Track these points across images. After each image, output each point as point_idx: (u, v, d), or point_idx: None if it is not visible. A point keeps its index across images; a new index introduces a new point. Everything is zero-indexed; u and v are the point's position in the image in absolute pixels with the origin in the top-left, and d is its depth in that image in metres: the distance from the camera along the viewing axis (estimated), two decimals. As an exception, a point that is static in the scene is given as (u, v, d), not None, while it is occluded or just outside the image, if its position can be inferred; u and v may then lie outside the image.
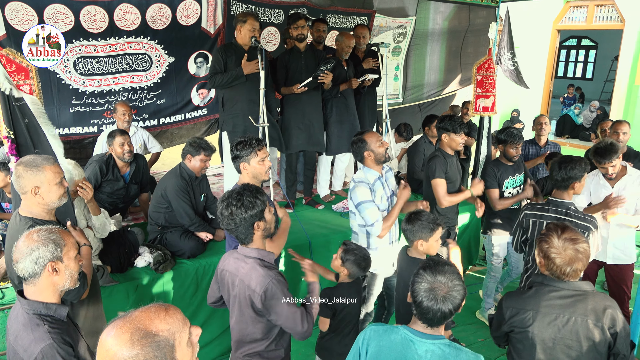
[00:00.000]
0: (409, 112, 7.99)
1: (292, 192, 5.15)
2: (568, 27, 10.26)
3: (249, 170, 2.90)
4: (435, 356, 1.77)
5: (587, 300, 2.02)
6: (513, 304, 2.15)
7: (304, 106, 4.90)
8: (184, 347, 1.27)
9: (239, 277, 2.27)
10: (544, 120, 5.31)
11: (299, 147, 5.01)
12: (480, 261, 5.61)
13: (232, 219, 2.21)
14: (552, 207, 3.09)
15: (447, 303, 1.76)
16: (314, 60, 4.88)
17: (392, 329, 1.87)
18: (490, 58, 5.13)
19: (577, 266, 2.03)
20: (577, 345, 2.00)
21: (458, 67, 8.49)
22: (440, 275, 1.79)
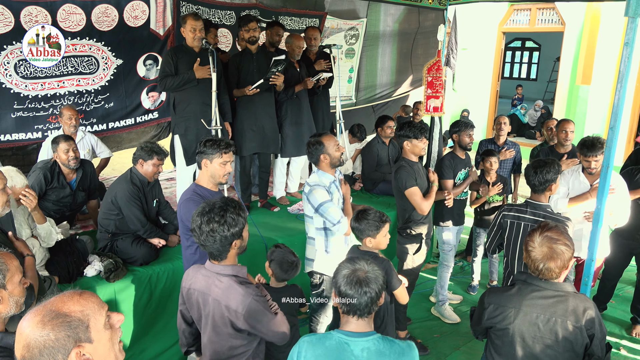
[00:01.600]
0: (362, 113, 8.08)
1: (247, 195, 5.11)
2: (513, 30, 10.63)
3: (209, 169, 2.90)
4: (372, 353, 1.79)
5: (568, 301, 2.06)
6: (495, 300, 2.18)
7: (256, 108, 4.87)
8: (101, 328, 1.28)
9: (212, 297, 2.16)
10: (504, 120, 5.49)
11: (253, 149, 4.97)
12: (434, 258, 5.73)
13: (212, 235, 2.11)
14: (530, 209, 3.16)
15: (371, 283, 1.80)
16: (266, 62, 4.86)
17: (325, 336, 1.87)
18: (439, 59, 5.26)
19: (550, 265, 2.05)
20: (555, 345, 2.05)
21: (409, 68, 8.66)
22: (359, 261, 1.87)
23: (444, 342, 4.20)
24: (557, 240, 2.08)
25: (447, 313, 4.57)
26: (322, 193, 3.24)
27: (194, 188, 2.93)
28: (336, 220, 3.22)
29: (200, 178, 2.97)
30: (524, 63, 22.58)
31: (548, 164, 3.16)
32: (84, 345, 1.24)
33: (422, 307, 4.78)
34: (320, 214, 3.25)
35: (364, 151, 5.95)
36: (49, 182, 3.91)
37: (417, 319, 4.56)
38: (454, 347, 4.08)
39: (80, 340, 1.24)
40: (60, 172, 4.00)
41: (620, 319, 4.61)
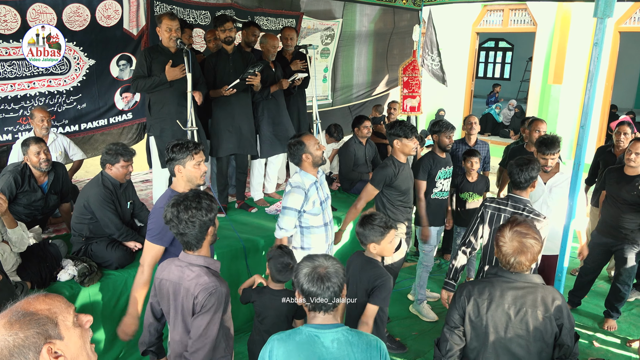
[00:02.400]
0: (339, 114, 8.10)
1: (224, 196, 5.07)
2: (486, 30, 10.79)
3: (183, 174, 2.84)
4: (342, 343, 1.83)
5: (537, 292, 2.12)
6: (470, 292, 2.22)
7: (233, 109, 4.84)
8: (70, 326, 1.29)
9: (184, 286, 2.20)
10: (474, 120, 5.51)
11: (230, 150, 4.94)
12: (413, 257, 5.77)
13: (191, 221, 2.15)
14: (511, 202, 3.21)
15: (332, 278, 1.83)
16: (242, 62, 4.84)
17: (294, 332, 1.89)
18: (415, 59, 5.31)
19: (520, 258, 2.11)
20: (526, 335, 2.09)
21: (385, 68, 8.71)
22: (317, 258, 1.90)
23: (422, 340, 4.24)
24: (526, 235, 2.14)
25: (425, 311, 4.61)
26: (295, 198, 3.26)
27: (170, 194, 2.86)
28: (281, 226, 3.32)
29: (176, 184, 2.88)
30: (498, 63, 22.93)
31: (531, 161, 3.22)
32: (54, 342, 1.24)
33: (401, 305, 4.81)
34: (281, 212, 3.33)
35: (341, 151, 5.97)
36: (20, 186, 3.82)
37: (396, 318, 4.59)
38: (432, 344, 4.11)
39: (50, 336, 1.23)
40: (31, 175, 3.91)
41: (594, 313, 4.72)
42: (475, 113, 8.11)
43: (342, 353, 1.83)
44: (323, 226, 3.45)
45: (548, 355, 2.12)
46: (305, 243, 3.43)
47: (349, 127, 7.26)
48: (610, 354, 4.11)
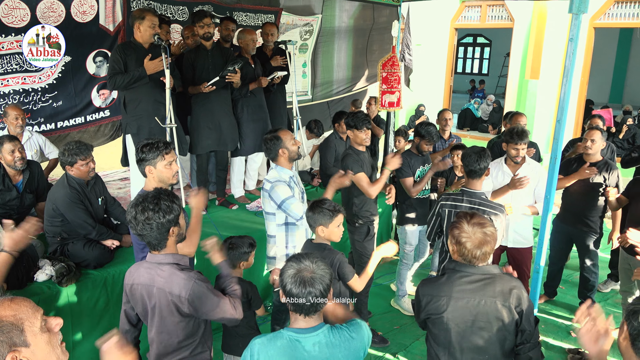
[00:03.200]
0: (317, 109, 8.10)
1: (204, 193, 5.03)
2: (464, 26, 10.87)
3: (154, 174, 2.77)
4: (323, 346, 1.83)
5: (495, 282, 2.14)
6: (428, 291, 2.23)
7: (212, 105, 4.80)
8: (37, 331, 1.26)
9: (157, 287, 2.17)
10: (448, 116, 5.61)
11: (209, 147, 4.90)
12: (393, 252, 5.80)
13: (148, 223, 2.11)
14: (466, 197, 3.25)
15: (315, 284, 1.80)
16: (222, 58, 4.80)
17: (275, 336, 1.88)
18: (394, 55, 5.32)
19: (486, 249, 2.14)
20: (488, 326, 2.12)
21: (364, 64, 8.72)
22: (305, 260, 1.85)
23: (403, 334, 4.28)
24: (484, 224, 2.18)
25: (406, 305, 4.65)
26: (284, 189, 3.24)
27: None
28: (299, 215, 3.22)
29: (148, 185, 2.81)
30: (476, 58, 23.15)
31: (484, 150, 3.28)
32: (20, 350, 1.21)
33: (382, 300, 4.84)
34: (284, 210, 3.25)
35: (322, 147, 5.97)
36: (-6, 185, 3.75)
37: (377, 312, 4.62)
38: (413, 337, 4.16)
39: (15, 344, 1.21)
40: (6, 174, 3.83)
41: (570, 304, 4.81)
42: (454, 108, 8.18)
43: (324, 355, 1.82)
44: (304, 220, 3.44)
45: (511, 342, 2.15)
46: (290, 241, 3.41)
47: (327, 122, 7.28)
48: (587, 344, 4.19)
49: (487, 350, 2.14)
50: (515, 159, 3.94)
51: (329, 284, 1.84)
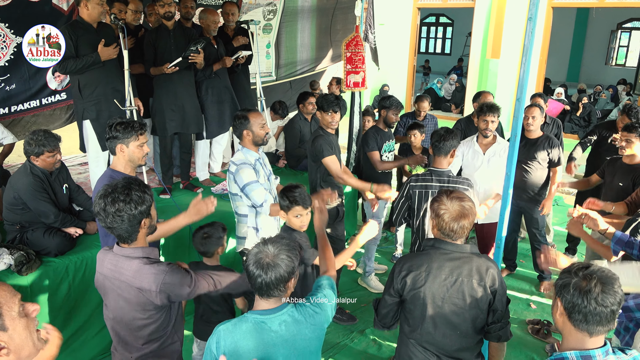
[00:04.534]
0: (279, 89, 8.03)
1: (168, 177, 4.96)
2: (427, 5, 10.92)
3: (125, 153, 2.75)
4: (290, 324, 1.83)
5: (472, 261, 2.20)
6: (407, 265, 2.26)
7: (176, 87, 4.70)
8: (15, 316, 1.27)
9: (123, 281, 2.10)
10: (425, 107, 5.76)
11: (173, 129, 4.81)
12: (360, 231, 5.86)
13: (119, 215, 2.00)
14: (435, 176, 3.30)
15: (269, 271, 1.78)
16: (184, 38, 4.69)
17: (239, 320, 1.87)
18: (357, 35, 5.30)
19: (463, 222, 2.18)
20: (462, 303, 2.17)
21: (328, 43, 8.68)
22: (271, 245, 1.84)
23: (371, 311, 4.33)
24: (463, 199, 2.23)
25: (374, 283, 4.72)
26: (249, 173, 3.21)
27: (111, 174, 2.77)
28: (259, 202, 3.19)
29: (116, 163, 2.80)
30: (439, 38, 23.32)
31: (453, 130, 3.38)
32: None
33: (349, 278, 4.90)
34: (245, 194, 3.22)
35: (287, 128, 5.94)
36: (-54, 172, 3.59)
37: (345, 291, 4.68)
38: (380, 314, 4.23)
39: None
40: (-41, 161, 3.67)
41: (530, 277, 4.98)
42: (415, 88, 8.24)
43: (292, 333, 1.83)
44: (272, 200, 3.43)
45: (482, 320, 2.21)
46: (258, 223, 3.41)
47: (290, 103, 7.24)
48: (546, 314, 4.37)
49: (460, 326, 2.20)
50: (485, 132, 4.02)
51: (287, 272, 1.80)
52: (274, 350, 1.82)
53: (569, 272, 1.64)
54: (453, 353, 2.23)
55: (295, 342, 1.84)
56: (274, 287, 1.80)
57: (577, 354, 1.58)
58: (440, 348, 2.23)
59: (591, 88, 13.33)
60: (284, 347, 1.83)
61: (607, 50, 18.22)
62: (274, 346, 1.82)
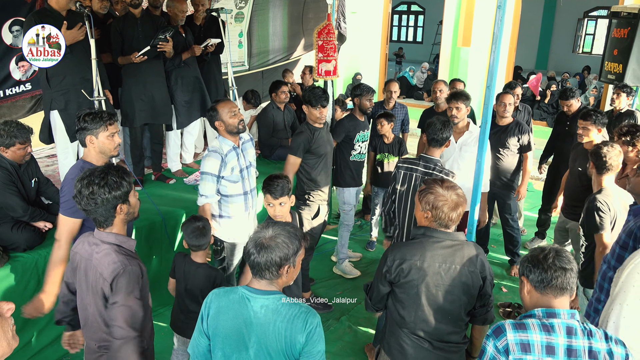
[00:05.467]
0: (251, 79, 7.97)
1: (139, 168, 4.88)
2: (398, -7, 10.91)
3: (95, 145, 2.72)
4: (269, 310, 1.84)
5: (464, 249, 2.23)
6: (399, 254, 2.27)
7: (144, 76, 4.61)
8: None
9: (93, 264, 2.11)
10: (394, 88, 5.71)
11: (143, 120, 4.73)
12: (334, 220, 5.89)
13: (92, 198, 2.03)
14: (423, 162, 3.31)
15: (262, 252, 1.80)
16: (152, 26, 4.59)
17: (232, 290, 1.92)
18: (329, 23, 5.28)
19: (460, 210, 2.23)
20: (455, 290, 2.21)
21: (300, 32, 8.62)
22: (272, 228, 1.87)
23: (346, 298, 4.39)
24: (455, 187, 2.28)
25: (348, 269, 4.76)
26: (212, 162, 3.23)
27: (82, 165, 2.73)
28: (201, 192, 3.28)
29: (87, 155, 2.77)
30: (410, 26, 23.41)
31: (449, 121, 3.39)
32: None
33: (325, 267, 4.93)
34: (200, 179, 3.29)
35: (260, 117, 5.90)
36: None
37: (320, 279, 4.71)
38: (356, 302, 4.27)
39: None
40: None
41: (501, 262, 5.09)
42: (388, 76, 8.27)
43: (267, 320, 1.84)
44: (242, 195, 3.41)
45: (471, 305, 2.27)
46: (223, 211, 3.41)
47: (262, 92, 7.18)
48: (517, 297, 4.47)
49: (452, 312, 2.24)
50: (452, 118, 4.06)
51: (278, 258, 1.81)
52: (249, 330, 1.84)
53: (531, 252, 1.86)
54: (445, 337, 2.28)
55: (268, 330, 1.84)
56: (265, 269, 1.82)
57: (542, 311, 1.72)
58: (432, 334, 2.27)
59: (559, 75, 13.59)
60: (258, 330, 1.84)
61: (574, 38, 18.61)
62: (250, 325, 1.84)
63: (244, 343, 1.85)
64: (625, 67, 5.30)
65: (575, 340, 1.66)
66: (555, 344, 1.64)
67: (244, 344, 1.85)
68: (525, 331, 1.67)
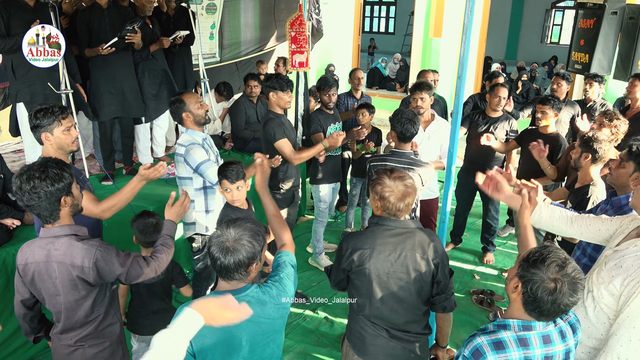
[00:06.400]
0: (226, 71, 7.88)
1: (110, 162, 4.79)
2: (370, -16, 10.91)
3: (52, 141, 2.62)
4: (254, 305, 1.82)
5: (415, 236, 2.25)
6: (352, 243, 2.29)
7: (113, 69, 4.52)
8: None
9: (55, 262, 2.06)
10: (360, 75, 5.69)
11: (113, 113, 4.64)
12: (309, 211, 5.90)
13: (35, 192, 1.97)
14: (395, 157, 3.34)
15: (228, 256, 1.78)
16: (119, 17, 4.50)
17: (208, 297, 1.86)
18: (301, 14, 5.25)
19: (408, 200, 2.23)
20: (407, 277, 2.22)
21: (273, 23, 8.55)
22: (233, 228, 1.83)
23: (322, 290, 4.41)
24: (404, 177, 2.27)
25: (324, 262, 4.78)
26: (200, 152, 3.18)
27: None
28: (215, 180, 3.17)
29: (46, 152, 2.66)
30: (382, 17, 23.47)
31: (416, 115, 3.38)
32: None
33: (300, 259, 4.93)
34: (200, 174, 3.21)
35: (232, 110, 5.85)
36: None
37: (297, 271, 4.70)
38: (332, 293, 4.30)
39: None
40: None
41: (474, 249, 5.17)
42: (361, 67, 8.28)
43: (256, 314, 1.82)
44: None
45: (427, 292, 2.29)
46: (209, 205, 3.37)
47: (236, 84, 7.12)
48: (490, 285, 4.56)
49: (406, 299, 2.26)
50: (418, 109, 4.09)
51: (242, 260, 1.79)
52: (238, 331, 1.82)
53: (543, 260, 1.60)
54: (401, 326, 2.29)
55: (260, 322, 1.85)
56: (234, 271, 1.80)
57: (519, 323, 1.65)
58: (388, 322, 2.29)
59: (529, 65, 13.82)
60: (248, 327, 1.83)
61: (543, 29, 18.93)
62: (238, 326, 1.81)
63: (234, 347, 1.83)
64: (591, 57, 5.42)
65: (551, 347, 1.65)
66: (532, 357, 1.62)
67: (235, 348, 1.83)
68: (504, 351, 1.61)
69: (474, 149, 4.70)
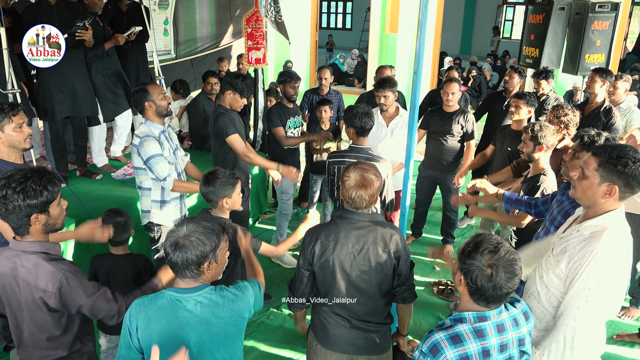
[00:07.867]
0: (180, 68, 7.75)
1: (62, 164, 4.63)
2: (326, -20, 10.91)
3: (3, 140, 2.55)
4: (205, 306, 1.81)
5: (377, 230, 2.28)
6: (315, 235, 2.32)
7: (63, 67, 4.36)
8: None
9: (21, 278, 1.94)
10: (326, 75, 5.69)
11: (64, 113, 4.48)
12: (271, 209, 5.87)
13: (3, 202, 1.86)
14: (354, 152, 3.36)
15: (177, 252, 1.76)
16: (68, 13, 4.35)
17: (156, 296, 1.83)
18: (257, 10, 5.22)
19: (361, 192, 2.24)
20: (369, 269, 2.27)
21: (229, 19, 8.46)
22: (187, 225, 1.81)
23: (285, 286, 4.37)
24: (367, 170, 2.30)
25: (287, 259, 4.77)
26: (153, 145, 3.14)
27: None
28: (162, 176, 3.16)
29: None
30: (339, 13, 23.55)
31: (370, 109, 3.42)
32: None
33: (263, 256, 4.88)
34: (149, 167, 3.16)
35: (190, 108, 5.76)
36: None
37: (259, 269, 4.68)
38: (295, 289, 4.29)
39: None
40: None
41: (434, 242, 5.27)
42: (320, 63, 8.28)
43: (206, 315, 1.81)
44: (177, 176, 3.34)
45: (388, 284, 2.33)
46: (166, 196, 3.33)
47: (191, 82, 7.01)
48: (449, 275, 4.66)
49: (367, 291, 2.30)
50: (381, 106, 4.13)
51: (194, 256, 1.76)
52: (187, 331, 1.80)
53: (476, 249, 1.65)
54: (363, 316, 2.34)
55: (210, 324, 1.83)
56: (184, 268, 1.77)
57: (474, 315, 1.69)
58: (350, 312, 2.33)
59: (482, 60, 14.14)
60: (198, 328, 1.81)
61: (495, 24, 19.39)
62: (187, 326, 1.80)
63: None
64: (541, 51, 5.60)
65: (506, 335, 1.70)
66: (489, 346, 1.66)
67: None
68: (461, 344, 1.63)
69: (432, 144, 4.78)
